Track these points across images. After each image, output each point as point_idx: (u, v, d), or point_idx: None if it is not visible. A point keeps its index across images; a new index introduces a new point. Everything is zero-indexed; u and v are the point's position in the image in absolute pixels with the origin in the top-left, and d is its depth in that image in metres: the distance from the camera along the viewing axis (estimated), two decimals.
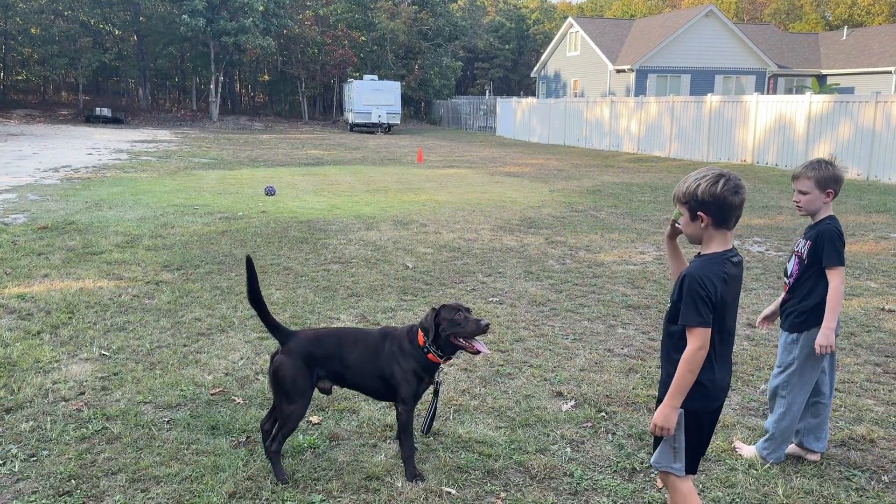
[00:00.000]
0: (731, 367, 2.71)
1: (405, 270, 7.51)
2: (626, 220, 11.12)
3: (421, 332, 3.38)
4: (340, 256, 8.12)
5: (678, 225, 2.69)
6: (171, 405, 4.13)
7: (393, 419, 3.85)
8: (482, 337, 3.50)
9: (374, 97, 39.77)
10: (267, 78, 59.42)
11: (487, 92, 58.13)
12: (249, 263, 3.34)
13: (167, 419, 3.95)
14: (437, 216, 11.13)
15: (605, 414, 4.14)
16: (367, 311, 6.04)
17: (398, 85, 41.81)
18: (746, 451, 3.68)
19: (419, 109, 56.56)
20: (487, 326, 3.30)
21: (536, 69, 47.15)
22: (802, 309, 3.46)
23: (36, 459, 3.50)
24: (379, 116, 39.66)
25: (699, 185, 2.53)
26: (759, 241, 9.50)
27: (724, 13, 38.96)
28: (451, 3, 55.47)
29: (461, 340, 3.31)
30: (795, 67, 38.32)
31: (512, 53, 66.07)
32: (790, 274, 3.57)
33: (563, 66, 42.98)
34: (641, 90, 34.86)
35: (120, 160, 20.26)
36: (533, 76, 49.01)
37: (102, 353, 4.93)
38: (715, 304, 2.49)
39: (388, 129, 40.32)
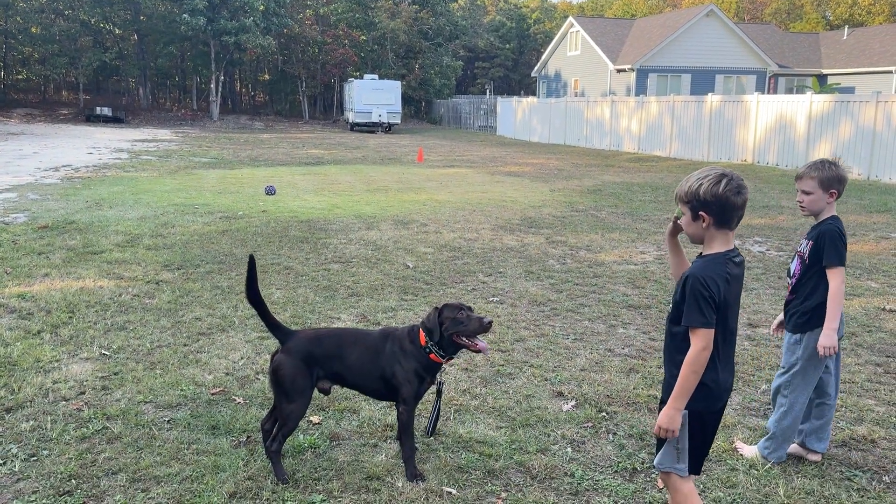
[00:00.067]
0: (733, 367, 2.70)
1: (406, 270, 7.51)
2: (626, 219, 11.12)
3: (423, 331, 3.37)
4: (341, 256, 8.12)
5: (680, 222, 2.69)
6: (171, 405, 4.13)
7: (393, 419, 3.85)
8: (483, 335, 3.50)
9: (374, 96, 39.78)
10: (267, 77, 59.42)
11: (488, 91, 58.10)
12: (251, 262, 3.34)
13: (168, 419, 3.95)
14: (437, 216, 11.13)
15: (605, 414, 4.14)
16: (367, 310, 6.04)
17: (398, 84, 41.80)
18: (748, 450, 3.68)
19: (419, 109, 56.55)
20: (490, 324, 3.30)
21: (537, 69, 47.15)
22: (805, 309, 3.46)
23: (36, 459, 3.50)
24: (379, 116, 39.65)
25: (701, 184, 2.52)
26: (759, 240, 9.50)
27: (724, 13, 38.94)
28: (451, 2, 55.44)
29: (463, 339, 3.31)
30: (796, 67, 38.31)
31: (512, 53, 66.07)
32: (793, 274, 3.57)
33: (563, 65, 42.97)
34: (642, 90, 34.85)
35: (120, 159, 20.26)
36: (533, 76, 49.02)
37: (103, 352, 4.93)
38: (718, 304, 2.48)
39: (388, 128, 40.31)
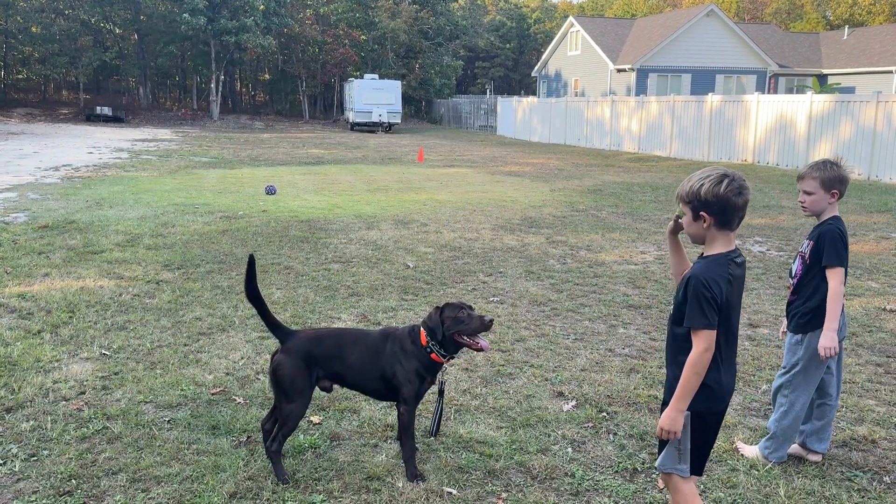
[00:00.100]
0: (735, 368, 2.70)
1: (406, 270, 7.51)
2: (626, 219, 11.11)
3: (425, 331, 3.37)
4: (341, 256, 8.12)
5: (681, 222, 2.68)
6: (171, 405, 4.13)
7: (393, 419, 3.85)
8: (484, 333, 3.50)
9: (374, 96, 39.78)
10: (267, 77, 59.42)
11: (488, 91, 58.08)
12: (251, 260, 3.34)
13: (168, 419, 3.95)
14: (437, 215, 11.12)
15: (606, 414, 4.13)
16: (367, 310, 6.04)
17: (399, 84, 41.81)
18: (749, 450, 3.67)
19: (420, 108, 56.54)
20: (491, 322, 3.31)
21: (537, 68, 47.14)
22: (806, 310, 3.46)
23: (36, 459, 3.49)
24: (379, 115, 39.65)
25: (703, 184, 2.51)
26: (760, 240, 9.50)
27: (724, 13, 38.93)
28: (451, 2, 55.43)
29: (465, 338, 3.31)
30: (796, 67, 38.30)
31: (513, 52, 66.04)
32: (794, 275, 3.57)
33: (563, 65, 42.97)
34: (642, 90, 34.85)
35: (120, 159, 20.26)
36: (534, 75, 49.01)
37: (103, 352, 4.93)
38: (720, 305, 2.48)
39: (388, 128, 40.31)
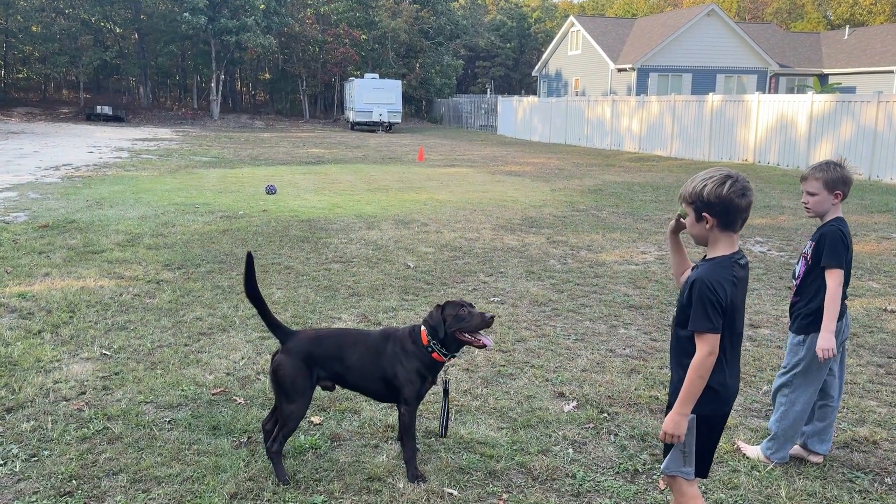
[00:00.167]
0: (739, 370, 2.68)
1: (406, 270, 7.50)
2: (627, 219, 11.11)
3: (426, 330, 3.37)
4: (342, 256, 8.12)
5: (684, 221, 2.67)
6: (172, 405, 4.13)
7: (394, 420, 3.84)
8: (486, 331, 3.50)
9: (375, 96, 39.78)
10: (268, 76, 59.41)
11: (488, 90, 58.07)
12: (249, 258, 3.34)
13: (168, 419, 3.95)
14: (438, 215, 11.12)
15: (607, 415, 4.13)
16: (368, 310, 6.03)
17: (399, 83, 41.80)
18: (751, 451, 3.67)
19: (420, 108, 56.53)
20: (492, 319, 3.31)
21: (538, 68, 47.12)
22: (808, 311, 3.45)
23: (37, 459, 3.49)
24: (380, 115, 39.65)
25: (705, 185, 2.50)
26: (760, 241, 9.49)
27: (725, 12, 38.91)
28: (452, 1, 55.46)
29: (466, 336, 3.31)
30: (797, 67, 38.28)
31: (513, 52, 66.02)
32: (797, 276, 3.57)
33: (564, 64, 42.96)
34: (643, 89, 34.84)
35: (121, 158, 20.25)
36: (534, 75, 48.99)
37: (103, 352, 4.92)
38: (725, 308, 2.47)
39: (389, 127, 40.31)
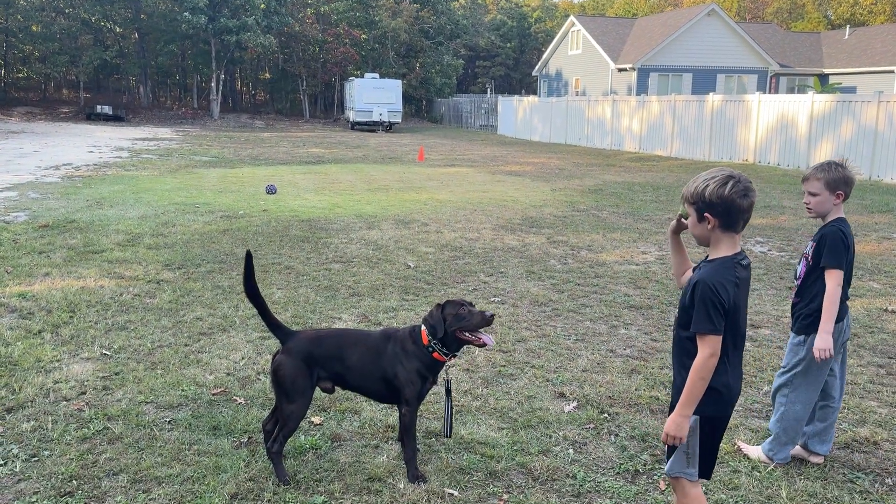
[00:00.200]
0: (742, 371, 2.68)
1: (407, 270, 7.50)
2: (628, 219, 11.10)
3: (426, 330, 3.36)
4: (342, 256, 8.11)
5: (685, 221, 2.67)
6: (172, 405, 4.13)
7: (394, 420, 3.84)
8: (486, 329, 3.50)
9: (375, 95, 39.78)
10: (268, 76, 59.40)
11: (489, 90, 58.07)
12: (248, 258, 3.34)
13: (169, 419, 3.94)
14: (438, 215, 11.12)
15: (607, 415, 4.12)
16: (368, 310, 6.03)
17: (399, 83, 41.80)
18: (752, 451, 3.67)
19: (420, 108, 56.52)
20: (492, 317, 3.31)
21: (538, 68, 47.11)
22: (809, 311, 3.44)
23: (37, 460, 3.49)
24: (380, 115, 39.65)
25: (707, 185, 2.50)
26: (761, 241, 9.48)
27: (725, 12, 38.89)
28: (452, 1, 55.43)
29: (467, 334, 3.31)
30: (797, 67, 38.27)
31: (513, 52, 66.02)
32: (798, 276, 3.57)
33: (564, 64, 42.94)
34: (643, 89, 34.83)
35: (121, 158, 20.25)
36: (534, 75, 48.97)
37: (104, 352, 4.92)
38: (727, 309, 2.46)
39: (389, 127, 40.31)
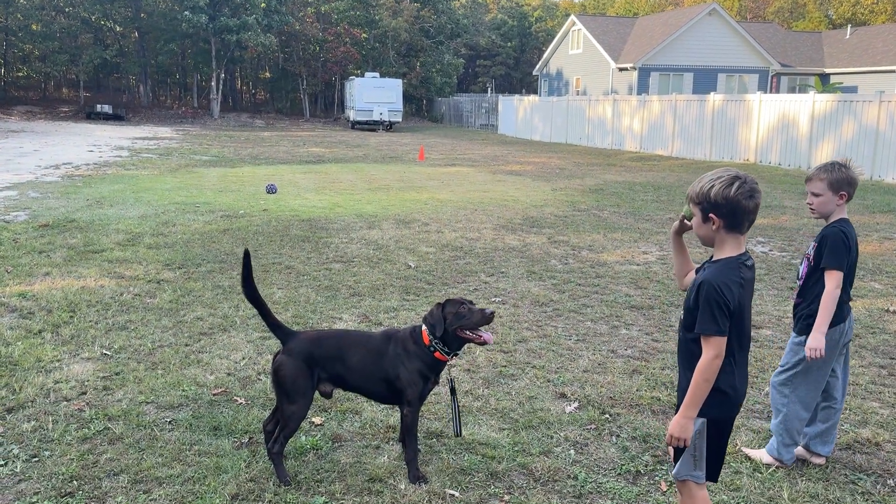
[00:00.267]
0: (748, 373, 2.66)
1: (407, 270, 7.49)
2: (629, 219, 11.09)
3: (427, 329, 3.37)
4: (342, 255, 8.11)
5: (688, 223, 2.65)
6: (173, 405, 4.12)
7: (395, 420, 3.83)
8: (486, 327, 3.50)
9: (375, 95, 39.78)
10: (268, 75, 59.38)
11: (489, 90, 58.04)
12: (246, 258, 3.33)
13: (169, 419, 3.94)
14: (439, 215, 11.11)
15: (608, 416, 4.12)
16: (369, 310, 6.02)
17: (400, 82, 41.79)
18: (754, 455, 3.65)
19: (421, 107, 56.51)
20: (492, 315, 3.31)
21: (538, 67, 47.09)
22: (811, 311, 3.43)
23: (38, 460, 3.48)
24: (380, 114, 39.65)
25: (713, 186, 2.48)
26: (762, 241, 9.47)
27: (727, 11, 38.87)
28: (452, 0, 55.38)
29: (467, 333, 3.31)
30: (798, 66, 38.24)
31: (514, 51, 65.99)
32: (800, 276, 3.56)
33: (565, 64, 42.92)
34: (644, 88, 34.81)
35: (121, 157, 20.25)
36: (535, 74, 48.96)
37: (104, 352, 4.92)
38: (732, 310, 2.45)
39: (389, 126, 40.30)
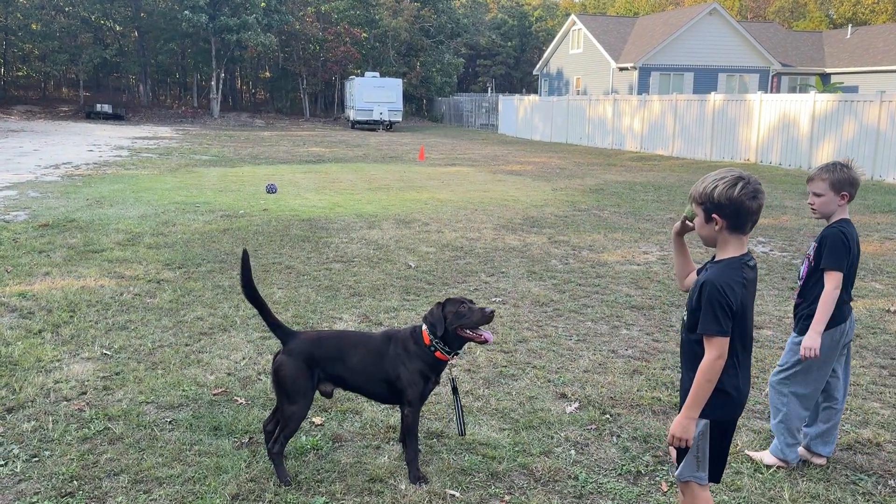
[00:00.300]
0: (750, 373, 2.65)
1: (408, 270, 7.49)
2: (629, 219, 11.09)
3: (427, 329, 3.37)
4: (342, 255, 8.10)
5: (690, 223, 2.64)
6: (173, 405, 4.12)
7: (396, 420, 3.83)
8: (487, 326, 3.50)
9: (375, 94, 39.78)
10: (268, 75, 59.37)
11: (489, 89, 58.01)
12: (245, 258, 3.33)
13: (169, 419, 3.94)
14: (439, 215, 11.10)
15: (609, 416, 4.11)
16: (369, 310, 6.02)
17: (400, 82, 41.79)
18: (757, 456, 3.64)
19: (421, 107, 56.50)
20: (493, 313, 3.32)
21: (539, 67, 47.07)
22: (811, 312, 3.42)
23: (38, 460, 3.48)
24: (380, 114, 39.65)
25: (716, 186, 2.47)
26: (763, 241, 9.46)
27: (727, 11, 38.86)
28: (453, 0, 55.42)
29: (468, 332, 3.32)
30: (799, 66, 38.23)
31: (514, 51, 65.97)
32: (801, 277, 3.56)
33: (565, 63, 42.91)
34: (644, 88, 34.79)
35: (121, 157, 20.24)
36: (535, 74, 48.93)
37: (104, 352, 4.91)
38: (735, 311, 2.44)
39: (389, 126, 40.30)
